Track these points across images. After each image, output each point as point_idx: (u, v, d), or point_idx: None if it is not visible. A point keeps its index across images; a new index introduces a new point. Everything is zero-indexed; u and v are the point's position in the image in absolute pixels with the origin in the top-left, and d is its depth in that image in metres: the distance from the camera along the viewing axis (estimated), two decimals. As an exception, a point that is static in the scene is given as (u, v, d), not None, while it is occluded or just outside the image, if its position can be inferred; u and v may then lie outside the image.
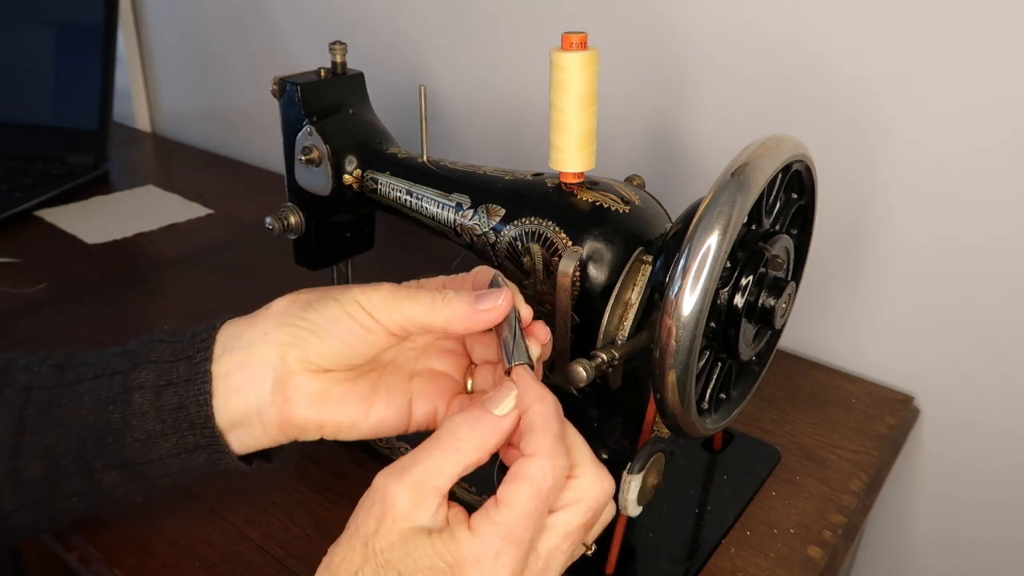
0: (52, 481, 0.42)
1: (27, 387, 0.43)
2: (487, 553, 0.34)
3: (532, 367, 0.39)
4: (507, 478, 0.35)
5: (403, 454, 0.37)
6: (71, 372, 0.44)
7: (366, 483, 0.36)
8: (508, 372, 0.39)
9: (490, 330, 0.42)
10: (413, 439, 0.51)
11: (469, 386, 0.45)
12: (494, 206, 0.54)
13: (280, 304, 0.43)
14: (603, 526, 0.39)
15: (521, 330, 0.40)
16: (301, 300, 0.43)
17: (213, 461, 0.42)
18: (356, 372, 0.43)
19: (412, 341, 0.45)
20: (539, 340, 0.42)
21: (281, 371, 0.41)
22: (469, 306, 0.40)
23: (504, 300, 0.40)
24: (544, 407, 0.37)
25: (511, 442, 0.38)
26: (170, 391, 0.41)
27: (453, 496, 0.36)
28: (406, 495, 0.35)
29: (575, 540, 0.37)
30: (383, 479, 0.35)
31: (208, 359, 0.42)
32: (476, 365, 0.45)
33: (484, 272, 0.45)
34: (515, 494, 0.35)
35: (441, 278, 0.46)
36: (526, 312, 0.42)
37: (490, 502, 0.35)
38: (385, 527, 0.34)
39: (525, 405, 0.37)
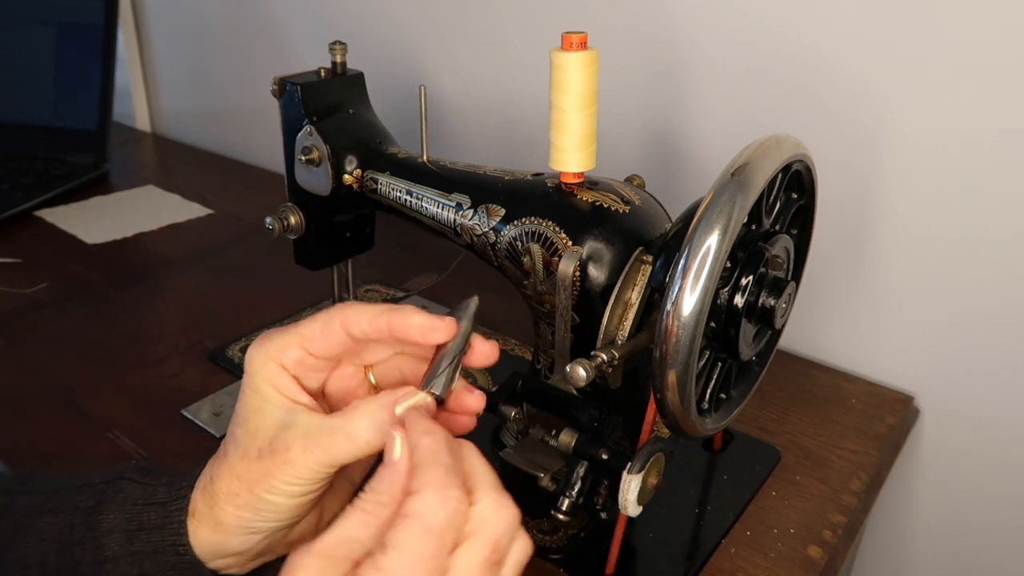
0: None
1: None
2: None
3: (441, 401, 0.37)
4: (394, 520, 0.32)
5: None
6: (23, 499, 0.40)
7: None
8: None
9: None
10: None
11: (372, 379, 0.41)
12: (494, 206, 0.54)
13: (224, 485, 0.38)
14: (517, 567, 0.34)
15: (453, 362, 0.37)
16: (241, 499, 0.38)
17: None
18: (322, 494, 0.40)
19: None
20: (484, 359, 0.38)
21: (260, 546, 0.39)
22: (382, 426, 0.36)
23: (401, 448, 0.34)
24: (432, 440, 0.33)
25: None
26: (142, 536, 0.38)
27: None
28: (312, 566, 0.32)
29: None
30: (293, 556, 0.33)
31: (183, 510, 0.39)
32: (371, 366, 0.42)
33: (357, 317, 0.39)
34: (402, 535, 0.31)
35: (297, 342, 0.40)
36: (488, 349, 0.39)
37: (376, 547, 0.31)
38: None
39: (412, 443, 0.33)
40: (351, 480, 0.42)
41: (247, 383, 0.38)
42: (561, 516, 0.47)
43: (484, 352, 0.38)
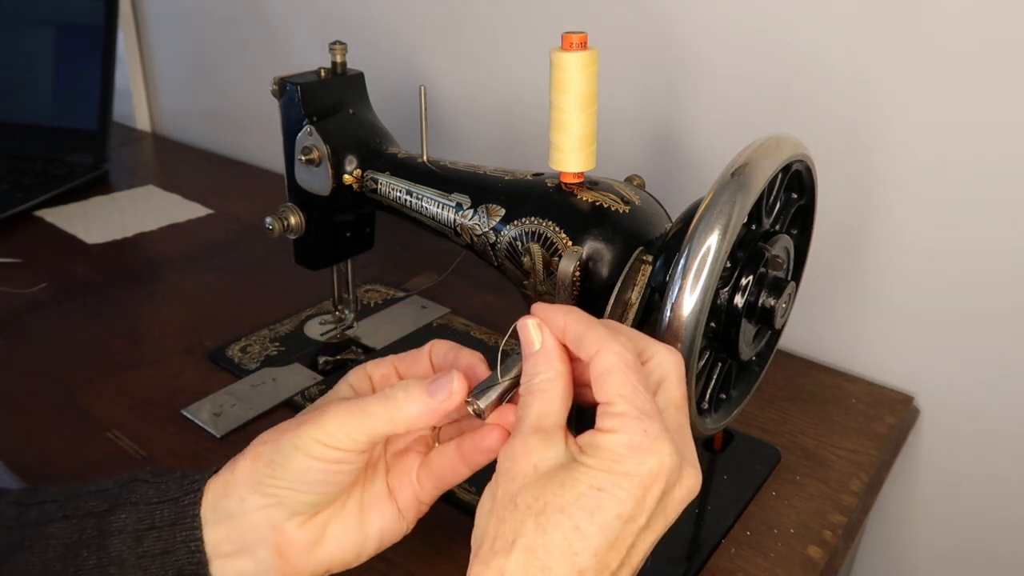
0: None
1: None
2: (636, 435, 0.33)
3: (481, 415, 0.38)
4: (595, 382, 0.35)
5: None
6: (34, 510, 0.40)
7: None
8: (480, 415, 0.38)
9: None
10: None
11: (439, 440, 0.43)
12: (494, 206, 0.54)
13: (244, 466, 0.39)
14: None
15: (508, 383, 0.39)
16: (263, 458, 0.39)
17: None
18: (343, 498, 0.41)
19: None
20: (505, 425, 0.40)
21: (273, 536, 0.38)
22: (424, 403, 0.38)
23: (458, 384, 0.38)
24: (575, 314, 0.37)
25: (577, 381, 0.38)
26: (153, 535, 0.38)
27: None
28: (532, 440, 0.34)
29: (686, 412, 0.36)
30: (503, 450, 0.35)
31: (197, 503, 0.39)
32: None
33: (440, 345, 0.43)
34: (611, 383, 0.34)
35: (391, 360, 0.43)
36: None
37: (600, 410, 0.34)
38: (526, 483, 0.34)
39: (555, 325, 0.37)
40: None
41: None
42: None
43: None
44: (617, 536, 0.32)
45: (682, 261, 0.42)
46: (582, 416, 0.38)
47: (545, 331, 0.37)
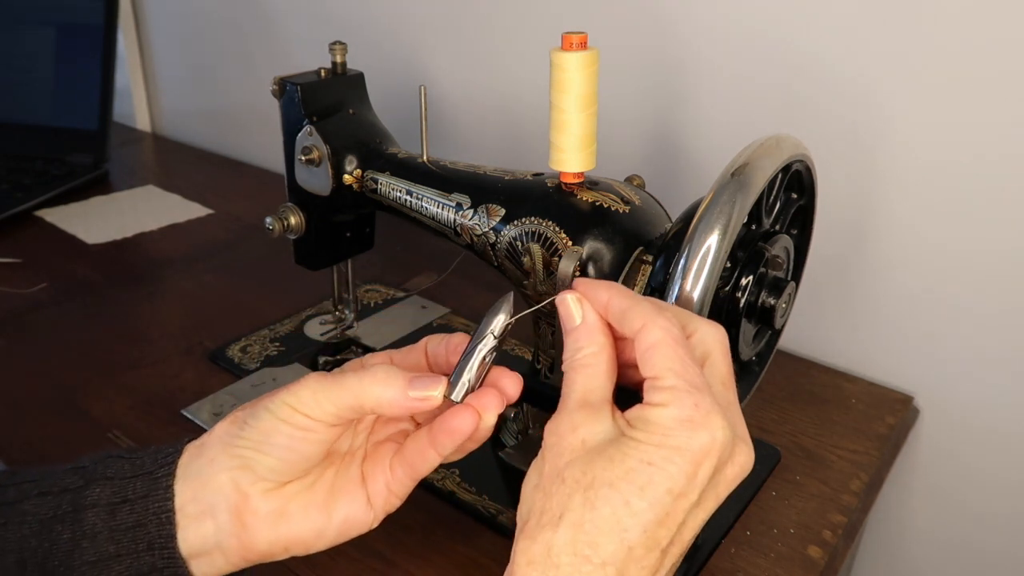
0: None
1: None
2: (687, 408, 0.32)
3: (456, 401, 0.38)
4: (641, 357, 0.34)
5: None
6: (12, 490, 0.40)
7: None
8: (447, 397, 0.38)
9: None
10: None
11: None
12: (494, 206, 0.54)
13: (221, 427, 0.40)
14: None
15: (472, 364, 0.39)
16: (238, 419, 0.40)
17: None
18: (312, 476, 0.41)
19: (363, 423, 0.43)
20: (507, 396, 0.39)
21: (235, 499, 0.38)
22: (399, 392, 0.38)
23: (439, 392, 0.38)
24: (616, 289, 0.37)
25: (620, 362, 0.38)
26: (126, 508, 0.38)
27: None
28: (578, 416, 0.34)
29: (733, 388, 0.36)
30: (549, 426, 0.35)
31: (171, 475, 0.39)
32: None
33: (434, 339, 0.43)
34: (658, 357, 0.34)
35: (388, 354, 0.43)
36: (514, 384, 0.40)
37: (648, 385, 0.34)
38: (574, 458, 0.33)
39: (597, 300, 0.37)
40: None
41: None
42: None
43: (511, 389, 0.40)
44: (668, 512, 0.32)
45: (682, 261, 0.42)
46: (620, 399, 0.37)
47: (586, 305, 0.37)
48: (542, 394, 0.52)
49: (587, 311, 0.37)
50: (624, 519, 0.31)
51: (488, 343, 0.39)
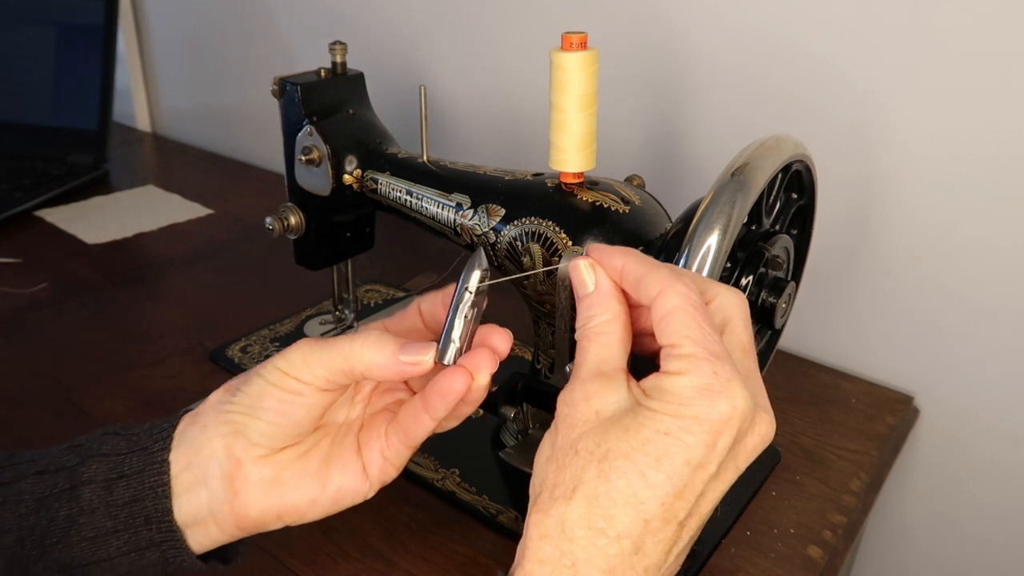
0: None
1: None
2: (706, 377, 0.31)
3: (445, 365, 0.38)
4: (657, 325, 0.33)
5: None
6: (9, 471, 0.40)
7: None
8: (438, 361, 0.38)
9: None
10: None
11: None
12: (494, 206, 0.54)
13: (215, 396, 0.41)
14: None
15: (455, 324, 0.38)
16: (231, 387, 0.40)
17: (167, 559, 0.39)
18: (306, 444, 0.41)
19: (360, 392, 0.43)
20: (498, 352, 0.39)
21: (228, 466, 0.38)
22: (390, 356, 0.38)
23: (430, 359, 0.38)
24: (634, 256, 0.36)
25: (635, 330, 0.37)
26: (122, 484, 0.38)
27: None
28: (592, 387, 0.33)
29: (754, 356, 0.35)
30: (561, 396, 0.34)
31: (166, 449, 0.39)
32: None
33: (428, 299, 0.43)
34: (676, 324, 0.32)
35: (382, 322, 0.43)
36: (504, 340, 0.40)
37: (664, 353, 0.33)
38: (587, 429, 0.32)
39: (611, 266, 0.36)
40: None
41: None
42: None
43: (501, 345, 0.40)
44: (685, 484, 0.31)
45: (682, 261, 0.42)
46: (635, 368, 0.37)
47: (599, 271, 0.36)
48: (542, 394, 0.52)
49: (600, 277, 0.36)
50: (640, 491, 0.31)
51: (467, 301, 0.38)
